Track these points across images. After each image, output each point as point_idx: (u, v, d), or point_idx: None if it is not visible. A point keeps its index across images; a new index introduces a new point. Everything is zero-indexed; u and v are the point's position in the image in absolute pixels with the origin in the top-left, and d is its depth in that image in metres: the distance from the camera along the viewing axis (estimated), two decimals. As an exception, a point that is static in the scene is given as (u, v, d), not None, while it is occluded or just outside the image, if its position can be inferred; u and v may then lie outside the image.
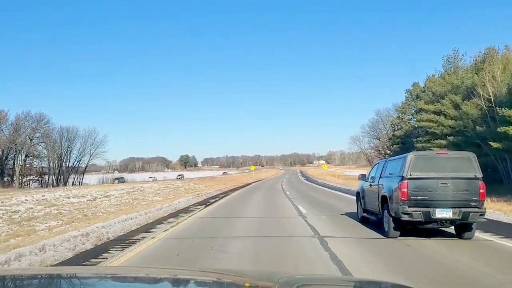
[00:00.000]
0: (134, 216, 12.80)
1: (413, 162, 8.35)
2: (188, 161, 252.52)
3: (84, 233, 9.26)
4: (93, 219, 13.16)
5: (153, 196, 26.90)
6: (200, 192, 29.29)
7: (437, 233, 9.15)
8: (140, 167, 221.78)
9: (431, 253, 7.23)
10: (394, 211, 8.49)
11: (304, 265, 6.31)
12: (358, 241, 8.50)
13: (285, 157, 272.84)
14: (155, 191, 32.79)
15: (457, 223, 8.36)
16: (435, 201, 8.11)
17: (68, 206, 19.92)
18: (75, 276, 2.12)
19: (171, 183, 49.54)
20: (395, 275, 5.65)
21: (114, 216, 13.42)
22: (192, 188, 38.69)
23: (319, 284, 2.23)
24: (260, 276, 2.29)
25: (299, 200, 20.41)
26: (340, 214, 13.56)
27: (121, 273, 2.31)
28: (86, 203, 22.08)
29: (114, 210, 16.59)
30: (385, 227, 8.98)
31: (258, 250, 7.74)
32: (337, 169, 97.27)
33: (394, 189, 8.59)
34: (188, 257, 7.12)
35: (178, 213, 14.58)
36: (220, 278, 2.12)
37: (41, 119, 61.98)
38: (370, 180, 10.93)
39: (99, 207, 18.87)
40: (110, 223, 11.23)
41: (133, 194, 29.88)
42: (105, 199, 25.07)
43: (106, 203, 21.40)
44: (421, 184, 8.23)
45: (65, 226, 11.45)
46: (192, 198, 22.17)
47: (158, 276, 2.16)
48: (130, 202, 22.27)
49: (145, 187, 37.07)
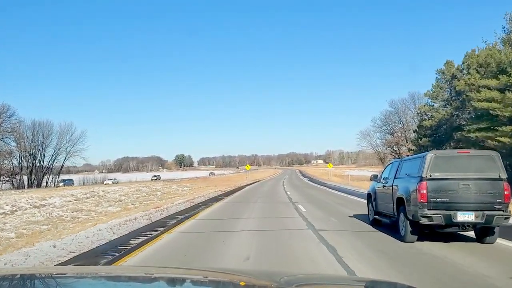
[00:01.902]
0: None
1: (433, 161, 7.98)
2: (183, 160, 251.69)
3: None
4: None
5: (108, 206, 21.98)
6: (173, 200, 22.21)
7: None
8: (135, 166, 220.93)
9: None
10: (411, 214, 8.12)
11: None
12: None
13: (282, 157, 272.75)
14: (119, 197, 27.75)
15: (479, 227, 8.01)
16: (457, 204, 7.75)
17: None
18: (74, 276, 2.11)
19: (151, 185, 44.61)
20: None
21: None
22: (173, 192, 33.51)
23: (319, 284, 2.23)
24: (261, 276, 2.28)
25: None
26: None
27: (121, 273, 2.33)
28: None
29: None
30: (401, 231, 8.62)
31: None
32: (336, 168, 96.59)
33: (412, 190, 8.21)
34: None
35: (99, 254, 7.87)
36: (220, 277, 2.13)
37: (4, 110, 53.11)
38: (383, 181, 10.57)
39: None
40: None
41: (84, 202, 24.01)
42: (20, 213, 18.48)
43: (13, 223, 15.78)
44: (442, 185, 7.86)
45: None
46: (155, 212, 15.62)
47: (158, 276, 2.18)
48: (55, 219, 16.95)
49: (108, 192, 31.29)
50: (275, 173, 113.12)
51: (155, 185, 43.74)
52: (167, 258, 7.43)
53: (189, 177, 79.27)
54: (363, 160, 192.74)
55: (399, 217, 8.81)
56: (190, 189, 37.20)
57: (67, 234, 10.49)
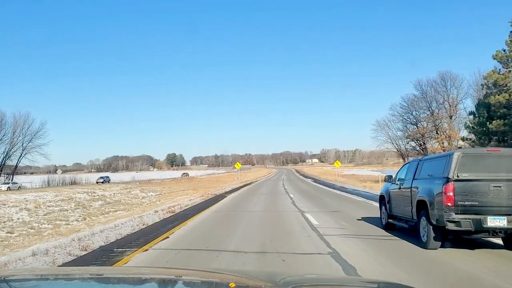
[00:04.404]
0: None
1: (460, 161, 7.41)
2: (175, 160, 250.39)
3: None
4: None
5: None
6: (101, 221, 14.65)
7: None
8: (124, 166, 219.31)
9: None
10: (435, 219, 7.56)
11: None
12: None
13: (276, 156, 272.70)
14: (17, 214, 19.38)
15: (510, 232, 7.46)
16: (487, 207, 7.20)
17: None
18: (75, 277, 2.16)
19: (104, 189, 36.40)
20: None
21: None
22: (123, 202, 26.66)
23: (319, 285, 2.23)
24: (260, 276, 2.26)
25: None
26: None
27: (121, 274, 2.39)
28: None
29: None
30: (423, 237, 8.05)
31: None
32: (333, 168, 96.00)
33: (436, 193, 7.64)
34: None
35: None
36: (217, 278, 2.13)
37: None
38: (398, 182, 10.00)
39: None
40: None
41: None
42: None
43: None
44: (470, 187, 7.30)
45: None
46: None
47: (157, 276, 2.21)
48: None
49: (12, 202, 23.27)
50: (270, 173, 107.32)
51: (111, 189, 35.64)
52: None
53: (171, 177, 74.37)
54: (360, 159, 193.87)
55: (420, 222, 8.26)
56: (158, 195, 31.60)
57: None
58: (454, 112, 43.72)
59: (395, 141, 51.41)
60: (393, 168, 54.01)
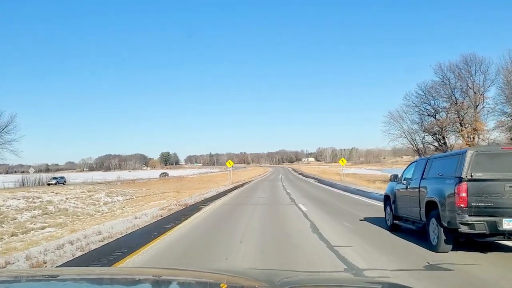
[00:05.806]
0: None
1: (474, 159, 7.09)
2: (169, 158, 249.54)
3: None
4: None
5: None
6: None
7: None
8: (117, 164, 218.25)
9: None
10: (447, 221, 7.23)
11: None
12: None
13: (272, 154, 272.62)
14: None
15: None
16: (502, 209, 6.85)
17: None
18: (75, 277, 2.17)
19: (57, 192, 30.74)
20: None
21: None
22: (71, 212, 21.72)
23: (318, 285, 2.24)
24: (260, 277, 2.24)
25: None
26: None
27: (120, 274, 2.41)
28: None
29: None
30: (433, 240, 7.73)
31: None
32: (330, 167, 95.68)
33: (448, 193, 7.32)
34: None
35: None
36: (212, 278, 2.14)
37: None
38: (404, 181, 9.69)
39: None
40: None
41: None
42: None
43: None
44: (485, 187, 6.97)
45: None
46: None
47: (156, 277, 2.24)
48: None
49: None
50: (265, 172, 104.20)
51: (67, 193, 30.79)
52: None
53: (151, 177, 70.91)
54: (357, 157, 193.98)
55: (429, 224, 7.93)
56: (128, 199, 27.05)
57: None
58: (481, 101, 38.22)
59: (410, 134, 44.28)
60: (392, 167, 53.42)
